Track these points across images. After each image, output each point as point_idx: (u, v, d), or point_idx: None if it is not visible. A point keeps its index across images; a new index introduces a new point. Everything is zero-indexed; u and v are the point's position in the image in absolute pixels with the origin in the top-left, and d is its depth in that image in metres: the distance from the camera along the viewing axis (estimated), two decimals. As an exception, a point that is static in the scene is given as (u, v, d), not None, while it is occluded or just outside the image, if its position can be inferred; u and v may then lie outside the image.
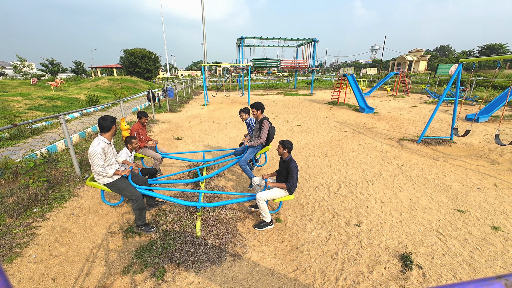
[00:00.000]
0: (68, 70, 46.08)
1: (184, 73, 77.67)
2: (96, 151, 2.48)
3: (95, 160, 2.50)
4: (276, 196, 3.16)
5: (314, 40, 19.60)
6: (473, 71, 6.25)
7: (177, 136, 7.53)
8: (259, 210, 3.17)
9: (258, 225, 3.20)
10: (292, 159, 3.18)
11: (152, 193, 3.13)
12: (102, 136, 2.61)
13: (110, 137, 2.63)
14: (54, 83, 17.86)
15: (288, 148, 3.17)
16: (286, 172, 3.16)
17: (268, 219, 3.17)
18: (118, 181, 2.74)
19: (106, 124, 2.58)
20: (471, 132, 7.43)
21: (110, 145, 2.66)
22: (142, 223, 2.83)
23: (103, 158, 2.54)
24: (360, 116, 10.68)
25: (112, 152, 2.70)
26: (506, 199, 3.79)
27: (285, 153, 3.20)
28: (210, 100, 16.72)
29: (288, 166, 3.13)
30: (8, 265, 2.55)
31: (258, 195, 3.10)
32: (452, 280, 2.39)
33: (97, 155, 2.48)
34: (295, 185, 3.14)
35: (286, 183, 3.15)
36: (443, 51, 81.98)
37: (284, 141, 3.20)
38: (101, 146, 2.53)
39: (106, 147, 2.57)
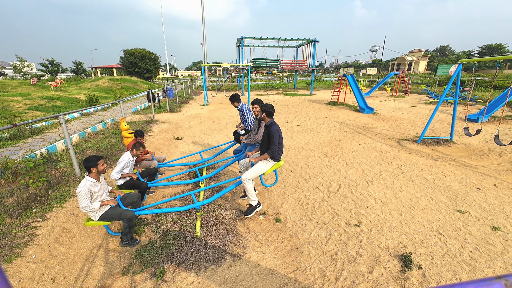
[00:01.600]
0: (68, 70, 46.09)
1: (184, 73, 77.70)
2: (80, 191, 2.60)
3: (79, 199, 2.63)
4: (262, 170, 3.00)
5: (314, 40, 19.61)
6: (473, 72, 6.25)
7: (177, 136, 7.53)
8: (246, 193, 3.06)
9: (247, 211, 3.14)
10: (273, 123, 2.98)
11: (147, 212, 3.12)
12: (88, 176, 2.69)
13: (95, 176, 2.72)
14: (54, 83, 17.86)
15: (266, 111, 2.98)
16: (268, 138, 2.96)
17: (255, 202, 3.08)
18: (108, 211, 2.79)
19: (87, 165, 2.70)
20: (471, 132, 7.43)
21: (97, 183, 2.72)
22: (128, 238, 2.87)
23: (88, 197, 2.64)
24: (360, 116, 10.68)
25: (100, 188, 2.76)
26: (506, 199, 3.79)
27: (263, 116, 3.01)
28: (210, 100, 16.72)
29: (269, 131, 2.94)
30: (8, 265, 2.55)
31: (243, 175, 2.98)
32: (452, 280, 2.39)
33: (81, 194, 2.60)
34: (278, 151, 2.94)
35: (267, 151, 2.96)
36: (443, 52, 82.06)
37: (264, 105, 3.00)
38: (87, 186, 2.62)
39: (92, 186, 2.65)
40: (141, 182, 3.65)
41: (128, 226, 2.80)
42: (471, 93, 15.93)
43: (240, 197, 3.56)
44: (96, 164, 2.70)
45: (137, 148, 3.63)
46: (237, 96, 4.45)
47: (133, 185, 3.61)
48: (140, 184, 3.62)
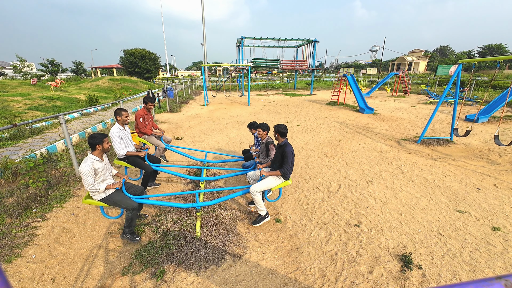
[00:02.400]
0: (68, 70, 46.09)
1: (184, 73, 77.72)
2: (84, 169, 2.54)
3: (84, 177, 2.57)
4: (271, 185, 3.07)
5: (314, 41, 19.61)
6: (472, 72, 6.25)
7: (177, 136, 7.53)
8: (254, 204, 3.11)
9: (255, 221, 3.17)
10: (288, 143, 3.08)
11: (148, 201, 3.11)
12: (91, 154, 2.66)
13: (99, 154, 2.69)
14: (54, 83, 17.86)
15: (279, 132, 3.08)
16: (281, 157, 3.04)
17: (263, 212, 3.12)
18: (113, 195, 2.77)
19: (92, 142, 2.66)
20: (471, 132, 7.44)
21: (100, 161, 2.70)
22: (130, 231, 2.85)
23: (92, 175, 2.59)
24: (360, 116, 10.69)
25: (104, 168, 2.74)
26: (506, 199, 3.79)
27: (277, 137, 3.11)
28: (210, 100, 16.72)
29: (283, 151, 3.02)
30: (8, 265, 2.55)
31: (252, 187, 3.03)
32: (452, 280, 2.39)
33: (85, 173, 2.55)
34: (290, 171, 3.04)
35: (280, 169, 3.04)
36: (443, 52, 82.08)
37: (279, 125, 3.11)
38: (90, 164, 2.58)
39: (95, 164, 2.62)
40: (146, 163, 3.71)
41: (130, 217, 2.76)
42: (471, 93, 15.94)
43: (248, 203, 3.60)
44: (102, 142, 2.64)
45: (119, 114, 3.58)
46: (255, 124, 4.52)
47: (137, 164, 3.65)
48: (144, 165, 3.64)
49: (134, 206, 2.77)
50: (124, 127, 3.69)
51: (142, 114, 4.44)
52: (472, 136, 7.16)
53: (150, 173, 3.75)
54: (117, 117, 3.60)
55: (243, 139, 7.20)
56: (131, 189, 3.11)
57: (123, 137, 3.61)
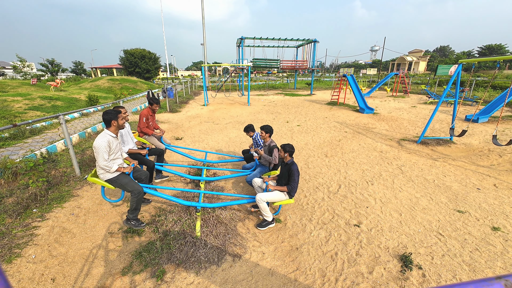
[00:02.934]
0: (68, 70, 46.08)
1: (184, 73, 77.70)
2: (100, 144, 2.48)
3: (100, 153, 2.49)
4: (276, 199, 3.17)
5: (314, 41, 19.61)
6: (472, 72, 6.25)
7: (177, 137, 7.53)
8: (260, 210, 3.17)
9: (260, 224, 3.20)
10: (294, 162, 3.20)
11: (153, 192, 3.12)
12: (107, 130, 2.61)
13: (115, 131, 2.62)
14: (54, 83, 17.86)
15: (289, 151, 3.20)
16: (288, 175, 3.18)
17: (270, 218, 3.18)
18: (120, 177, 2.74)
19: (107, 118, 2.58)
20: (470, 132, 7.44)
21: (116, 139, 2.64)
22: (134, 217, 2.81)
23: (107, 151, 2.53)
24: (360, 116, 10.69)
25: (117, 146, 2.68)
26: (506, 199, 3.79)
27: (286, 156, 3.23)
28: (210, 100, 16.72)
29: (290, 169, 3.15)
30: (8, 266, 2.54)
31: (258, 196, 3.11)
32: (452, 280, 2.39)
33: (101, 148, 2.48)
34: (296, 189, 3.16)
35: (287, 185, 3.15)
36: (443, 52, 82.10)
37: (285, 145, 3.24)
38: (106, 140, 2.52)
39: (111, 140, 2.56)
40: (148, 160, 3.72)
41: (135, 202, 2.73)
42: (471, 93, 15.94)
43: (252, 206, 3.62)
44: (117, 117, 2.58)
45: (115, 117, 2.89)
46: (251, 127, 4.57)
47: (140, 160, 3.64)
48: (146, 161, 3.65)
49: (139, 190, 2.74)
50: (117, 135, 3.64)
51: (146, 114, 4.45)
52: (472, 136, 7.16)
53: (152, 168, 3.76)
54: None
55: (243, 139, 7.20)
56: (136, 173, 3.09)
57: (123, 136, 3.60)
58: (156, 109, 4.56)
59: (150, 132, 4.50)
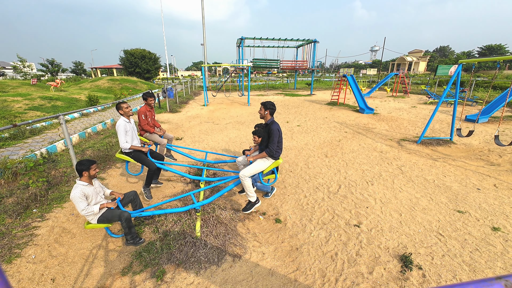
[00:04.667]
0: (68, 71, 46.10)
1: (184, 73, 77.70)
2: (74, 195, 2.59)
3: (76, 204, 2.62)
4: (260, 168, 2.99)
5: (314, 41, 19.62)
6: (472, 72, 6.25)
7: (177, 137, 7.53)
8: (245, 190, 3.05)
9: (245, 207, 3.12)
10: (274, 121, 3.00)
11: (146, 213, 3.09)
12: (79, 181, 2.67)
13: (87, 180, 2.71)
14: (54, 83, 17.86)
15: (269, 109, 2.99)
16: (268, 137, 2.98)
17: (254, 198, 3.06)
18: (106, 213, 2.79)
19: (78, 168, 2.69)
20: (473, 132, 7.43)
21: (89, 186, 2.71)
22: (131, 237, 2.85)
23: (84, 200, 2.62)
24: (360, 116, 10.69)
25: (93, 192, 2.75)
26: (506, 199, 3.79)
27: (266, 114, 3.02)
28: (210, 100, 16.72)
29: (269, 129, 2.95)
30: (8, 266, 2.54)
31: (241, 172, 2.98)
32: (452, 280, 2.39)
33: (76, 199, 2.59)
34: (278, 150, 2.94)
35: (265, 149, 2.96)
36: (443, 52, 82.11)
37: (266, 102, 3.03)
38: (79, 190, 2.61)
39: (84, 190, 2.65)
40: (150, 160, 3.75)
41: (127, 227, 2.79)
42: (471, 94, 15.94)
43: (238, 192, 3.55)
44: (89, 168, 2.69)
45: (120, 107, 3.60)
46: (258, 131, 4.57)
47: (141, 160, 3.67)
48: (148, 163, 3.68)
49: (125, 216, 2.78)
50: (129, 119, 3.70)
51: (144, 110, 4.44)
52: (472, 136, 7.16)
53: (153, 170, 3.76)
54: (119, 110, 3.64)
55: (243, 139, 7.20)
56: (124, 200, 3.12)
57: (128, 129, 3.61)
58: (151, 102, 4.52)
59: (151, 129, 4.50)
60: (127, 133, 3.56)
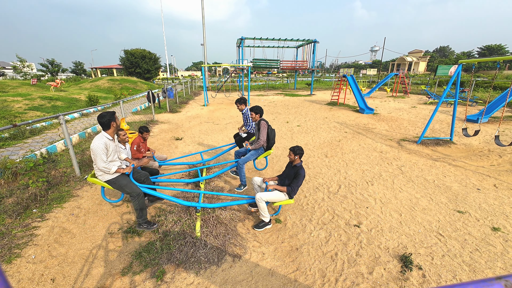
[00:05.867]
0: (68, 71, 46.08)
1: (184, 73, 77.69)
2: (98, 146, 2.49)
3: (98, 155, 2.50)
4: (276, 199, 3.16)
5: (314, 41, 19.63)
6: (472, 72, 6.26)
7: (177, 137, 7.53)
8: (259, 210, 3.17)
9: (257, 225, 3.21)
10: (302, 167, 3.18)
11: (153, 192, 3.11)
12: (105, 132, 2.61)
13: (112, 133, 2.64)
14: (54, 84, 17.87)
15: (299, 154, 3.18)
16: (294, 177, 3.16)
17: (267, 218, 3.17)
18: (119, 178, 2.73)
19: (103, 121, 2.58)
20: (470, 133, 7.43)
21: (112, 141, 2.65)
22: (144, 220, 2.82)
23: (105, 153, 2.53)
24: (360, 116, 10.69)
25: (114, 149, 2.69)
26: (506, 200, 3.79)
27: (296, 159, 3.20)
28: (210, 100, 16.72)
29: (297, 172, 3.14)
30: (7, 266, 2.54)
31: (258, 195, 3.10)
32: (452, 281, 2.39)
33: (98, 150, 2.48)
34: (296, 191, 3.14)
35: (288, 186, 3.14)
36: (443, 52, 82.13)
37: (295, 147, 3.21)
38: (103, 142, 2.53)
39: (108, 143, 2.57)
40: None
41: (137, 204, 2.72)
42: (471, 94, 15.94)
43: (249, 205, 3.63)
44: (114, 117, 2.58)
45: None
46: (243, 100, 4.61)
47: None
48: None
49: (138, 192, 2.73)
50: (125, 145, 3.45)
51: (138, 142, 4.27)
52: (472, 136, 7.15)
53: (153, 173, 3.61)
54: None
55: (243, 140, 7.19)
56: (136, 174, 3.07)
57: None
58: (147, 137, 4.46)
59: (140, 155, 4.33)
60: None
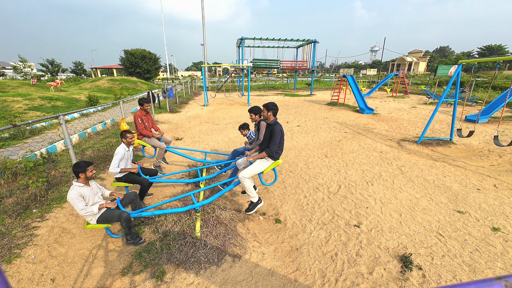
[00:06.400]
0: (68, 71, 46.11)
1: (184, 73, 77.68)
2: (71, 197, 2.60)
3: (75, 205, 2.62)
4: (260, 169, 3.00)
5: (314, 41, 19.63)
6: (472, 72, 6.26)
7: (177, 137, 7.53)
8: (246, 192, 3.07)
9: (248, 208, 3.14)
10: (277, 122, 3.01)
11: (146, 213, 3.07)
12: (76, 182, 2.67)
13: (83, 181, 2.71)
14: (54, 84, 17.87)
15: (272, 109, 3.02)
16: (270, 137, 2.99)
17: (255, 198, 3.08)
18: (105, 214, 2.79)
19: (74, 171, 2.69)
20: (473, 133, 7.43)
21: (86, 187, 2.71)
22: (132, 237, 2.85)
23: (82, 200, 2.62)
24: (360, 117, 10.69)
25: (91, 193, 2.75)
26: (506, 200, 3.79)
27: (270, 115, 3.04)
28: (210, 100, 16.72)
29: (272, 129, 2.96)
30: (7, 266, 2.54)
31: (240, 174, 2.98)
32: (452, 281, 2.39)
33: (73, 200, 2.59)
34: (278, 150, 2.95)
35: (266, 149, 2.96)
36: (443, 52, 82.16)
37: (268, 103, 3.04)
38: (75, 191, 2.61)
39: (81, 190, 2.64)
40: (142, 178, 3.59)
41: (126, 227, 2.79)
42: (471, 94, 15.95)
43: (241, 193, 3.57)
44: (85, 170, 2.68)
45: (125, 136, 3.54)
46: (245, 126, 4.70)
47: (134, 180, 3.53)
48: (141, 180, 3.56)
49: (125, 216, 2.77)
50: (129, 147, 3.62)
51: (140, 115, 4.40)
52: (472, 136, 7.16)
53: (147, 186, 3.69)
54: (123, 139, 3.56)
55: (243, 139, 7.19)
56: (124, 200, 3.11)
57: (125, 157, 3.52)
58: (147, 108, 4.50)
59: (149, 134, 4.48)
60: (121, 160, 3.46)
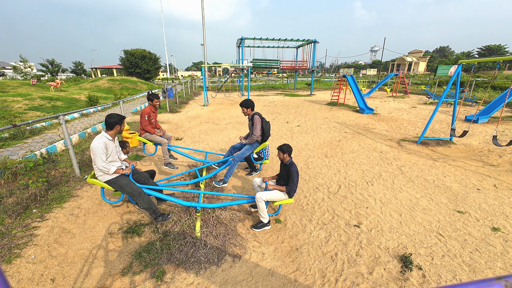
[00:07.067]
0: (68, 71, 46.10)
1: (184, 73, 77.68)
2: (97, 146, 2.49)
3: (97, 155, 2.50)
4: (276, 198, 3.17)
5: (314, 41, 19.64)
6: (472, 72, 6.25)
7: (177, 137, 7.53)
8: (258, 210, 3.17)
9: (256, 225, 3.20)
10: (293, 163, 3.19)
11: (153, 193, 3.11)
12: (105, 133, 2.62)
13: (113, 135, 2.65)
14: (54, 84, 17.87)
15: (287, 151, 3.19)
16: (287, 176, 3.18)
17: (266, 219, 3.17)
18: (119, 178, 2.73)
19: (110, 121, 2.61)
20: (470, 133, 7.44)
21: (112, 142, 2.65)
22: (157, 215, 2.79)
23: (105, 153, 2.54)
24: (360, 117, 10.69)
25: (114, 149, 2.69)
26: (506, 200, 3.79)
27: (285, 157, 3.22)
28: (210, 100, 16.72)
29: (288, 170, 3.14)
30: (7, 266, 2.54)
31: (258, 194, 3.10)
32: (452, 281, 2.39)
33: (98, 149, 2.49)
34: (295, 189, 3.15)
35: (286, 186, 3.15)
36: (443, 52, 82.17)
37: (282, 145, 3.21)
38: (103, 141, 2.54)
39: (108, 143, 2.57)
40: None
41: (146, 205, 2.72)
42: (471, 94, 15.95)
43: (250, 206, 3.63)
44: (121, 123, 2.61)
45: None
46: None
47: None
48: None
49: (138, 191, 2.72)
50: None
51: (148, 111, 4.41)
52: (472, 136, 7.16)
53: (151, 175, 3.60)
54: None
55: (243, 140, 7.20)
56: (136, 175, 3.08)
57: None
58: (157, 104, 4.52)
59: (152, 131, 4.50)
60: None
